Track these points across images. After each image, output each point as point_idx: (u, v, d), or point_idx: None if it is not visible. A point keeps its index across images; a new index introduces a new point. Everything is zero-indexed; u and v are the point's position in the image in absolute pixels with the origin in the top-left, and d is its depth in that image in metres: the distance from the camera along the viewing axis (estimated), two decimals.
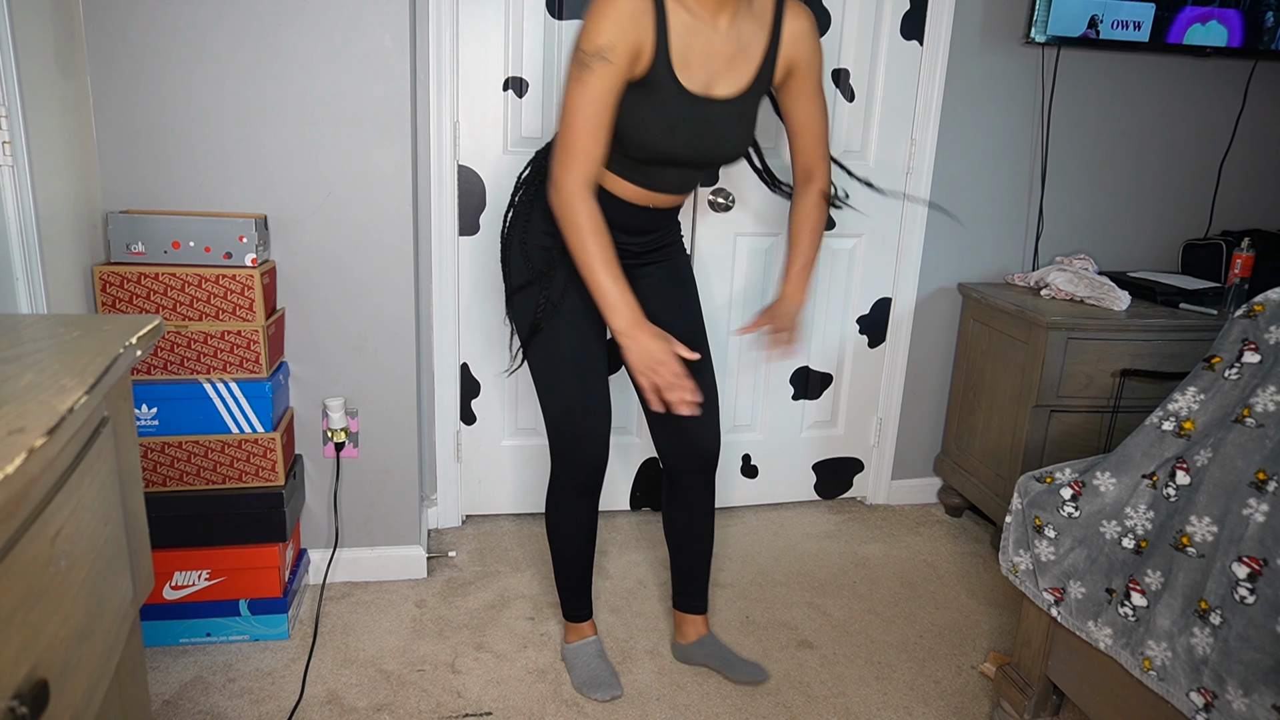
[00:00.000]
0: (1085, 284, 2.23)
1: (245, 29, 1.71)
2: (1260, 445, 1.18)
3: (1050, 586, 1.48)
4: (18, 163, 1.43)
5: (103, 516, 0.75)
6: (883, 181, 2.38)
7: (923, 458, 2.65)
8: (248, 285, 1.69)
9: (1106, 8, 2.22)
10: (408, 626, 1.91)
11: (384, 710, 1.63)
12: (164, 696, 1.64)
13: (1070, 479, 1.47)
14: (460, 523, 2.41)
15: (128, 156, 1.73)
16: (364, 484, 2.04)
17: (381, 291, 1.92)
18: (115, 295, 1.66)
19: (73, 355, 0.73)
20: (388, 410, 1.99)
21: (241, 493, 1.76)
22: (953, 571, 2.26)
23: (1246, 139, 2.54)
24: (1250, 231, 2.46)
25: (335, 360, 1.94)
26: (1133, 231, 2.58)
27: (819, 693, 1.75)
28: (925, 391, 2.58)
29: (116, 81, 1.69)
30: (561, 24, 2.10)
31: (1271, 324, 1.25)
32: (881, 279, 2.47)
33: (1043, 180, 2.43)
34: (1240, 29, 2.31)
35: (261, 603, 1.81)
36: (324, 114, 1.79)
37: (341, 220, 1.86)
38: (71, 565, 0.66)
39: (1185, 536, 1.25)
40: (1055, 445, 2.18)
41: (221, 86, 1.74)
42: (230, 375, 1.73)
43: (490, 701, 1.68)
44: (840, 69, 2.28)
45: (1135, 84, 2.43)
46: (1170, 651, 1.26)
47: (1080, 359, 2.11)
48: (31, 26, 1.47)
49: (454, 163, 2.12)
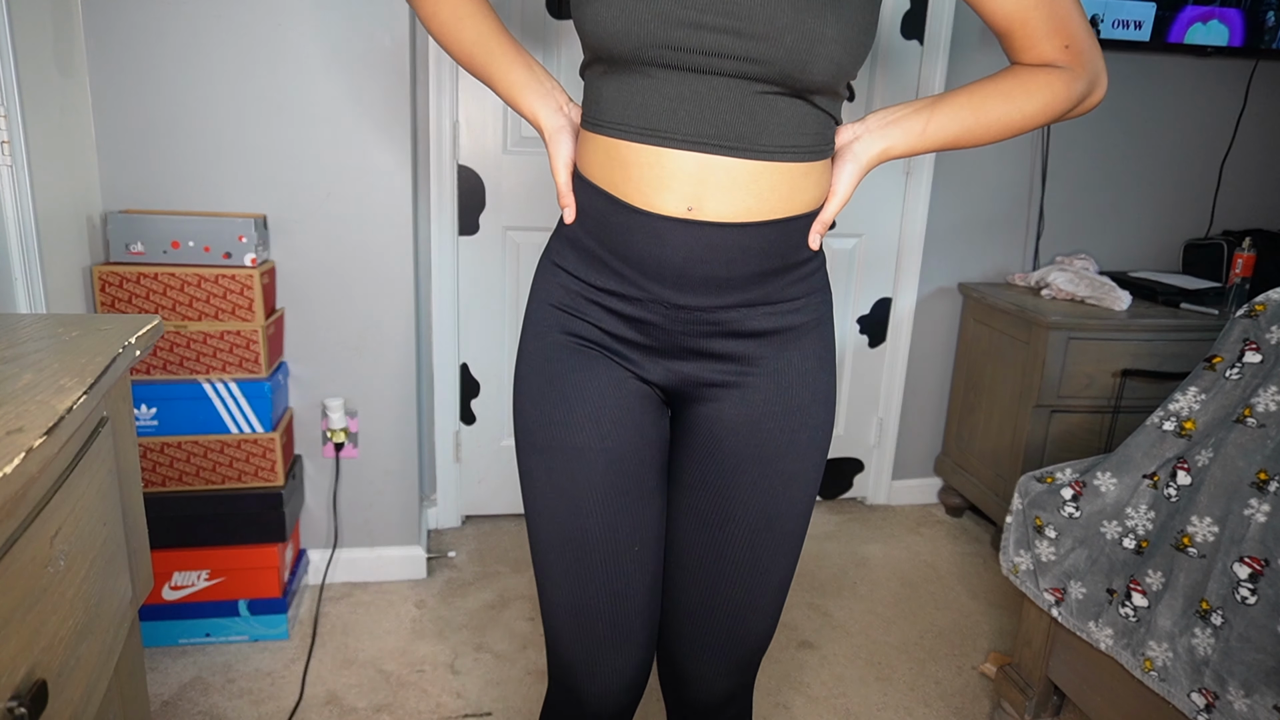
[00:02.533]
0: (1086, 284, 2.23)
1: (245, 29, 1.71)
2: (1261, 445, 1.18)
3: (1051, 587, 1.48)
4: (17, 163, 1.42)
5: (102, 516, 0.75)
6: (883, 182, 2.38)
7: (923, 458, 2.65)
8: (247, 285, 1.69)
9: (1107, 7, 2.22)
10: (407, 627, 1.90)
11: (384, 710, 1.63)
12: (163, 697, 1.64)
13: (1071, 479, 1.47)
14: (460, 523, 2.40)
15: (127, 156, 1.73)
16: (364, 484, 2.03)
17: (381, 291, 1.91)
18: (114, 295, 1.66)
19: (72, 355, 0.73)
20: (388, 410, 1.99)
21: (241, 493, 1.76)
22: (953, 572, 2.26)
23: (1247, 139, 2.54)
24: (1251, 231, 2.46)
25: (335, 360, 1.94)
26: (1133, 231, 2.57)
27: (819, 693, 1.74)
28: (925, 391, 2.58)
29: (116, 81, 1.69)
30: (561, 24, 2.10)
31: (1273, 324, 1.25)
32: (882, 279, 2.47)
33: (1043, 180, 2.43)
34: (1241, 28, 2.31)
35: (261, 603, 1.80)
36: (324, 114, 1.79)
37: (341, 220, 1.85)
38: (70, 565, 0.66)
39: (1186, 537, 1.25)
40: (1056, 445, 2.17)
41: (221, 86, 1.73)
42: (230, 375, 1.73)
43: (490, 702, 1.67)
44: None
45: (1136, 83, 2.43)
46: (1171, 652, 1.26)
47: (1081, 359, 2.11)
48: (31, 26, 1.47)
49: (454, 163, 2.12)
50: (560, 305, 0.90)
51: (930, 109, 0.86)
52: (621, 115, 0.80)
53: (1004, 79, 0.86)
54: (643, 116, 0.79)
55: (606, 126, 0.82)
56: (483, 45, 0.92)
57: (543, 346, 0.90)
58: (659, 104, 0.78)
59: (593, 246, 0.87)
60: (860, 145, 0.86)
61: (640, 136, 0.80)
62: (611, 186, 0.83)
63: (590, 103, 0.85)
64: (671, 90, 0.78)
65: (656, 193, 0.80)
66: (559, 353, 0.89)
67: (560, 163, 0.90)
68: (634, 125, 0.80)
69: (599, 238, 0.86)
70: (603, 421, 0.87)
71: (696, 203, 0.80)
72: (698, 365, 0.88)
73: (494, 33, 0.92)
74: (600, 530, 0.88)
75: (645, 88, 0.78)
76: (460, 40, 0.93)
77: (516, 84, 0.92)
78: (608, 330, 0.88)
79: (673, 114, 0.78)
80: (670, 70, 0.77)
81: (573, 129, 0.91)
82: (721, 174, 0.79)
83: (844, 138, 0.87)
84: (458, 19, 0.92)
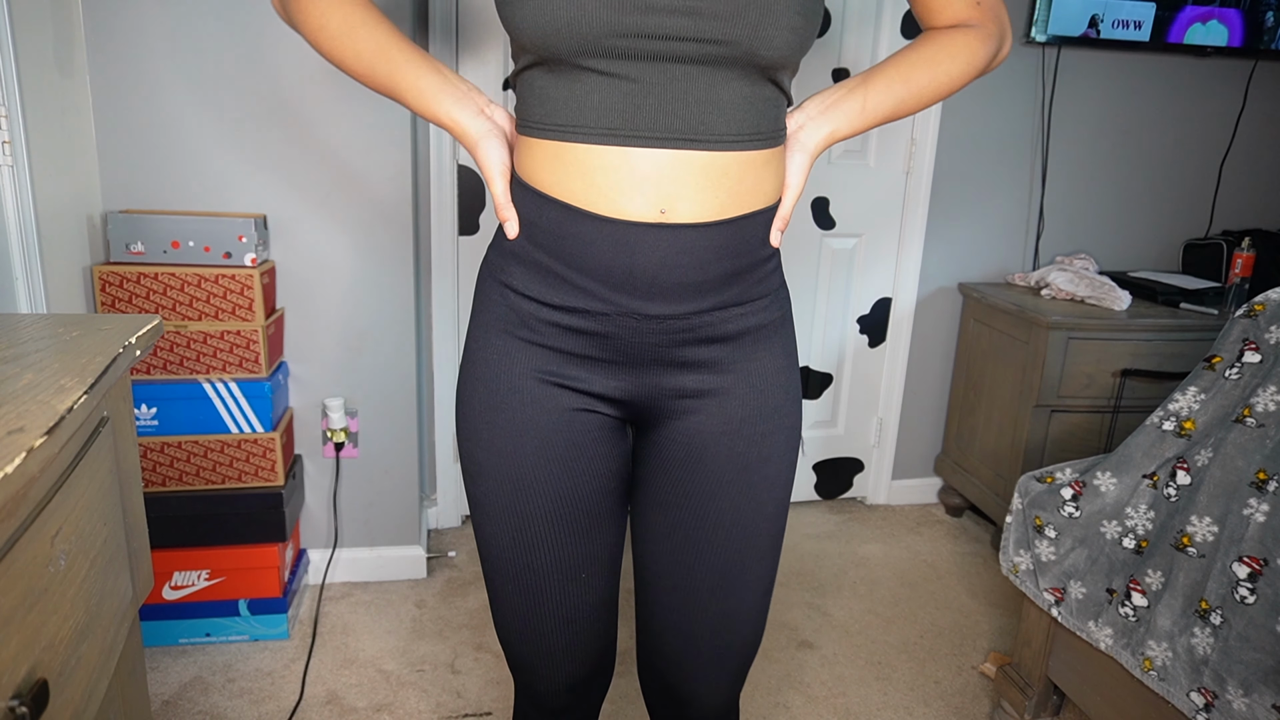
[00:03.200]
0: (1086, 284, 2.23)
1: (244, 28, 1.71)
2: (1261, 445, 1.18)
3: (1051, 586, 1.48)
4: (17, 163, 1.42)
5: (102, 516, 0.75)
6: (883, 182, 2.38)
7: (923, 458, 2.65)
8: (247, 285, 1.69)
9: (1107, 7, 2.22)
10: (408, 626, 1.91)
11: (384, 710, 1.63)
12: (164, 697, 1.64)
13: (1071, 479, 1.47)
14: (460, 523, 2.40)
15: (127, 156, 1.73)
16: (364, 484, 2.03)
17: (381, 291, 1.91)
18: (115, 295, 1.66)
19: (72, 355, 0.73)
20: (388, 410, 1.99)
21: (241, 493, 1.76)
22: (953, 571, 2.26)
23: (1247, 139, 2.54)
24: (1251, 231, 2.46)
25: (335, 360, 1.94)
26: (1133, 231, 2.57)
27: (819, 693, 1.75)
28: (925, 391, 2.58)
29: (116, 81, 1.69)
30: None
31: (1272, 324, 1.25)
32: (882, 279, 2.47)
33: (1043, 180, 2.43)
34: (1240, 29, 2.31)
35: (261, 603, 1.81)
36: (323, 114, 1.79)
37: (341, 220, 1.86)
38: (71, 565, 0.66)
39: (1186, 536, 1.25)
40: (1056, 445, 2.17)
41: (221, 86, 1.73)
42: (230, 375, 1.73)
43: (490, 701, 1.67)
44: (840, 69, 2.28)
45: (1136, 84, 2.43)
46: (1171, 651, 1.26)
47: (1081, 359, 2.11)
48: (31, 26, 1.47)
49: (454, 163, 2.12)
50: (509, 330, 0.83)
51: (864, 87, 0.84)
52: (575, 116, 0.74)
53: (925, 46, 0.87)
54: (601, 116, 0.73)
55: (556, 130, 0.75)
56: (383, 54, 0.81)
57: (488, 376, 0.84)
58: (618, 101, 0.72)
59: (544, 260, 0.79)
60: (805, 134, 0.83)
61: (601, 138, 0.73)
62: (568, 195, 0.76)
63: (532, 105, 0.77)
64: (630, 84, 0.72)
65: (624, 197, 0.74)
66: (507, 384, 0.83)
67: (494, 171, 0.81)
68: (591, 126, 0.73)
69: (552, 251, 0.78)
70: (552, 460, 0.84)
71: (668, 204, 0.74)
72: (672, 376, 0.83)
73: (394, 39, 0.82)
74: (550, 563, 0.87)
75: (600, 84, 0.72)
76: (358, 52, 0.82)
77: (428, 91, 0.81)
78: (565, 350, 0.82)
79: (636, 110, 0.72)
80: (626, 61, 0.71)
81: (500, 133, 0.83)
82: (694, 170, 0.74)
83: (789, 127, 0.84)
84: (350, 28, 0.81)
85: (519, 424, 0.83)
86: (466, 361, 0.87)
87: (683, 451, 0.86)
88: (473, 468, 0.87)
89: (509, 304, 0.83)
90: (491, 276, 0.85)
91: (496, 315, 0.84)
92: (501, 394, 0.84)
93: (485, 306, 0.86)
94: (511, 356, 0.83)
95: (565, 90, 0.74)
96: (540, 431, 0.83)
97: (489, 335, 0.85)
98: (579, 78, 0.73)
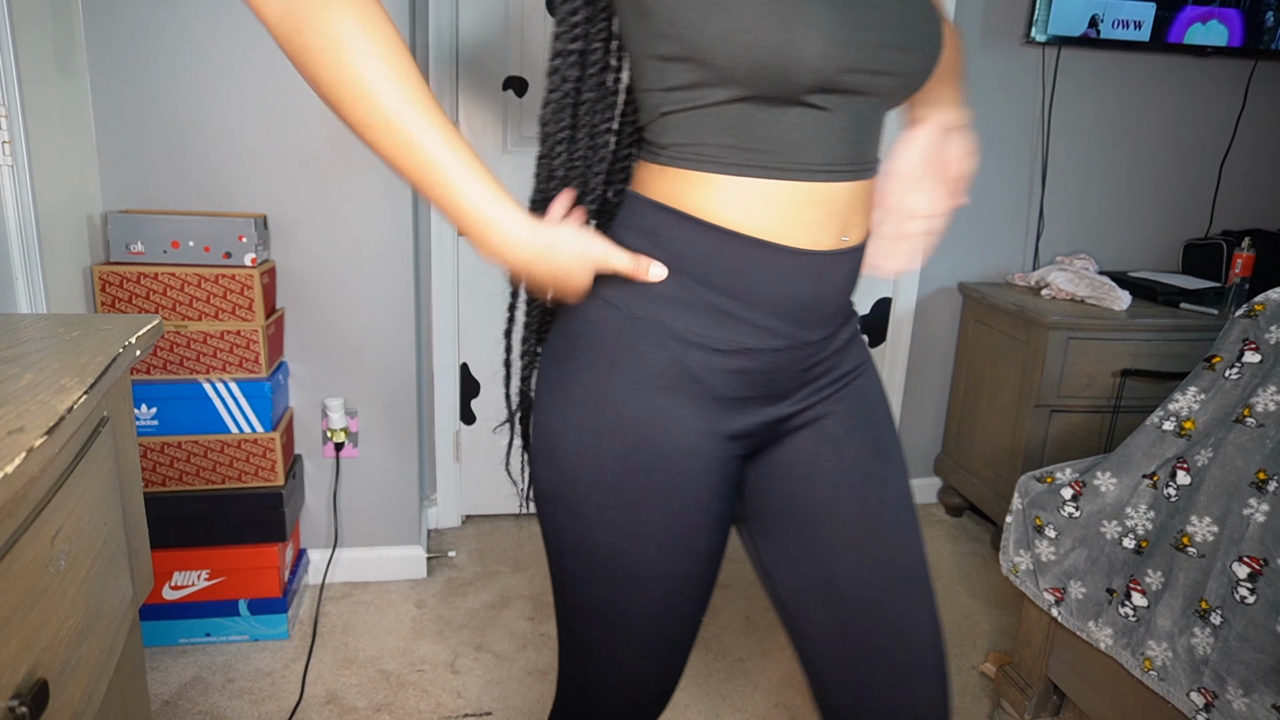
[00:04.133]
0: (1086, 284, 2.23)
1: (244, 28, 1.71)
2: (1261, 445, 1.18)
3: (1051, 586, 1.48)
4: (17, 163, 1.42)
5: (102, 516, 0.75)
6: None
7: (923, 458, 2.65)
8: (247, 285, 1.69)
9: (1107, 7, 2.22)
10: (408, 627, 1.91)
11: (384, 710, 1.63)
12: (164, 696, 1.64)
13: (1071, 479, 1.47)
14: (460, 523, 2.40)
15: (127, 156, 1.73)
16: (364, 484, 2.03)
17: (381, 291, 1.91)
18: (115, 295, 1.66)
19: (72, 355, 0.73)
20: (388, 410, 1.99)
21: (241, 493, 1.76)
22: (953, 571, 2.26)
23: (1247, 139, 2.54)
24: (1251, 231, 2.46)
25: (335, 360, 1.94)
26: (1133, 231, 2.57)
27: None
28: (925, 391, 2.58)
29: (116, 81, 1.69)
30: None
31: (1272, 324, 1.25)
32: (881, 279, 2.47)
33: (1043, 180, 2.43)
34: (1241, 29, 2.31)
35: (261, 603, 1.81)
36: (324, 114, 1.79)
37: (341, 220, 1.86)
38: (71, 565, 0.66)
39: (1186, 536, 1.25)
40: (1056, 445, 2.17)
41: (221, 86, 1.73)
42: (230, 375, 1.73)
43: (490, 701, 1.67)
44: None
45: (1136, 84, 2.43)
46: (1171, 651, 1.26)
47: (1081, 359, 2.11)
48: (31, 26, 1.47)
49: None
50: (674, 386, 0.75)
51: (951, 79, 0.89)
52: (777, 150, 0.69)
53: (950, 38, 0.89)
54: (803, 150, 0.69)
55: (750, 167, 0.70)
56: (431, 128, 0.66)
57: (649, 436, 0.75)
58: (820, 134, 0.69)
59: (713, 299, 0.73)
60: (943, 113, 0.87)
61: (804, 174, 0.70)
62: (758, 229, 0.71)
63: (716, 138, 0.70)
64: (829, 116, 0.69)
65: (819, 227, 0.72)
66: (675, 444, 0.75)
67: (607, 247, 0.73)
68: (795, 162, 0.70)
69: (727, 289, 0.73)
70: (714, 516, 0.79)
71: (849, 231, 0.75)
72: (809, 391, 0.81)
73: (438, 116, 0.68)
74: (687, 617, 0.83)
75: (805, 118, 0.68)
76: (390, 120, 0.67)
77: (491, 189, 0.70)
78: (729, 397, 0.77)
79: (835, 143, 0.70)
80: (838, 95, 0.68)
81: None
82: (866, 197, 0.76)
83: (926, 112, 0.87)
84: None
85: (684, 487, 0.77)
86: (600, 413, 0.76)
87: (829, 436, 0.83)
88: (609, 537, 0.78)
89: (671, 354, 0.74)
90: (635, 324, 0.75)
91: (651, 369, 0.75)
92: (665, 454, 0.76)
93: (632, 360, 0.75)
94: (676, 415, 0.75)
95: (770, 126, 0.68)
96: (705, 489, 0.78)
97: (643, 392, 0.75)
98: (787, 112, 0.68)
